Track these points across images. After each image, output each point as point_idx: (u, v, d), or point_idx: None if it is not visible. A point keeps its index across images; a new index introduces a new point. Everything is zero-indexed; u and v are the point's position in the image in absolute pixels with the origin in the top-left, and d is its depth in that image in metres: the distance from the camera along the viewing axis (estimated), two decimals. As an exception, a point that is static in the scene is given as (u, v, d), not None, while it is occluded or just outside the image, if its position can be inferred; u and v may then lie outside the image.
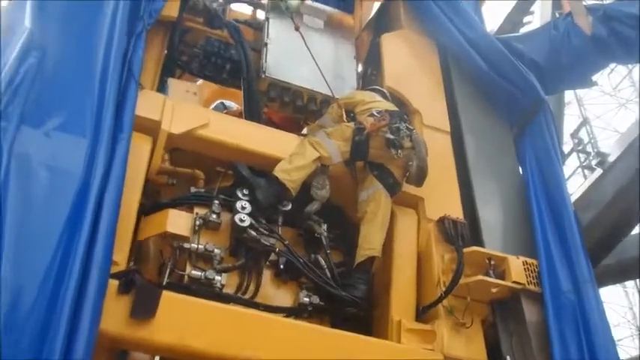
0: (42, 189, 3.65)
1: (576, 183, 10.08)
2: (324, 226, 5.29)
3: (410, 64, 6.80)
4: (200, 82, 7.73)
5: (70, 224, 3.58)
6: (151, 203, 5.03)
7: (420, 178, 5.35)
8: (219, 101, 7.75)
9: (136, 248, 4.75)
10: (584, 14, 7.06)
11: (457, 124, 6.50)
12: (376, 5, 7.68)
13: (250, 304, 4.71)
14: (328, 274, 5.03)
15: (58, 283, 3.35)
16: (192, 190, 5.24)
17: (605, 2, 7.64)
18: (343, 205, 5.62)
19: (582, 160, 12.65)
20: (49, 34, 4.36)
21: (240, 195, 5.01)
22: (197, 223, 4.84)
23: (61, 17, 4.54)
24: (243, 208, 4.88)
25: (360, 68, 7.37)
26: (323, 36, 7.17)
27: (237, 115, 6.51)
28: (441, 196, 5.73)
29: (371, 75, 7.33)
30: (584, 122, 13.41)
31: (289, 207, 5.19)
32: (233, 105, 7.56)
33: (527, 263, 5.31)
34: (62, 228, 3.54)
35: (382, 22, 7.53)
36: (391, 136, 5.23)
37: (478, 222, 5.78)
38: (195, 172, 5.42)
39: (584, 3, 7.30)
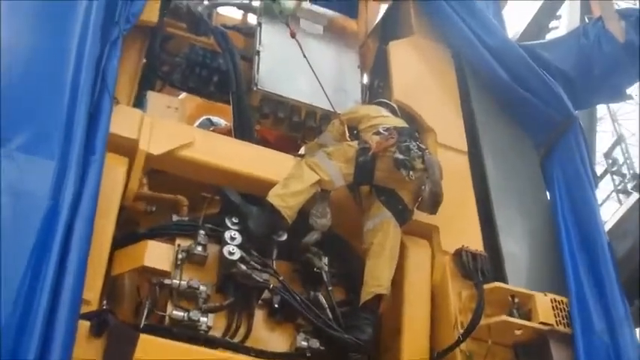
0: (3, 218, 3.61)
1: (610, 209, 10.08)
2: (325, 260, 5.28)
3: (422, 75, 6.83)
4: (183, 95, 7.74)
5: (35, 258, 3.54)
6: (127, 233, 5.00)
7: (433, 204, 5.34)
8: (205, 117, 7.75)
9: (110, 285, 4.72)
10: (616, 19, 7.10)
11: (475, 143, 6.52)
12: (383, 8, 7.72)
13: (240, 348, 4.67)
14: (329, 315, 5.01)
15: (21, 327, 3.32)
16: (174, 218, 5.23)
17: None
18: (346, 235, 5.61)
19: (617, 183, 12.68)
20: (12, 41, 4.32)
21: (229, 224, 5.02)
22: (179, 256, 4.83)
23: (25, 20, 4.52)
24: (232, 238, 4.89)
25: (365, 79, 7.41)
26: (323, 43, 7.22)
27: (226, 133, 6.52)
28: (458, 225, 5.75)
29: (377, 87, 7.35)
30: (619, 140, 13.42)
31: (285, 237, 5.20)
32: (221, 122, 7.57)
33: (555, 301, 5.31)
34: (26, 262, 3.49)
35: (390, 28, 7.58)
36: (400, 156, 5.21)
37: (500, 254, 5.79)
38: (178, 197, 5.41)
39: (615, 6, 7.35)
